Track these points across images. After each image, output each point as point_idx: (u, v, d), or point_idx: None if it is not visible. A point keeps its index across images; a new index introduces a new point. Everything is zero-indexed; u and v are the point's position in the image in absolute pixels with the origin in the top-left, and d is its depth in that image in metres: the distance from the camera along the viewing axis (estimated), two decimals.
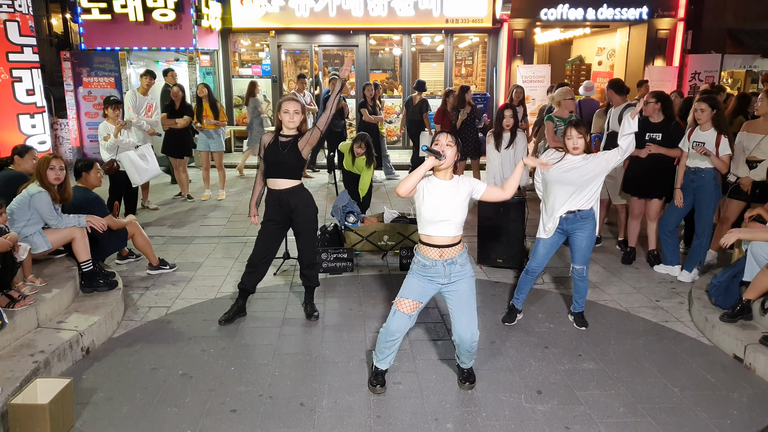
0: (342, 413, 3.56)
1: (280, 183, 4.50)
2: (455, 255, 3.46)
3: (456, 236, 3.45)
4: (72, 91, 11.54)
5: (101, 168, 5.96)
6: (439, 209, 3.37)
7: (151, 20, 11.34)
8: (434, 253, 3.44)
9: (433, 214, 3.39)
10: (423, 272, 3.50)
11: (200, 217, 8.16)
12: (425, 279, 3.52)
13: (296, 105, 4.42)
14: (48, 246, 4.89)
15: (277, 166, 4.46)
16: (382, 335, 3.64)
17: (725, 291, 4.68)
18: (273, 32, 13.18)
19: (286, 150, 4.42)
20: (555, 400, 3.71)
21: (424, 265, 3.48)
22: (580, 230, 4.48)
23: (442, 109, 9.37)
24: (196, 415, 3.53)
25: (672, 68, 12.91)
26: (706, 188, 5.45)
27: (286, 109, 4.40)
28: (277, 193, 4.52)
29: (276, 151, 4.43)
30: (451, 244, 3.44)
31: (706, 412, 3.59)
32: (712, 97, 5.52)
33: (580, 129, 4.35)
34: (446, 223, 3.40)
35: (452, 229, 3.42)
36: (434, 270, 3.46)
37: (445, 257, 3.44)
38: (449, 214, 3.38)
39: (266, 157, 4.47)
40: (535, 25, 13.26)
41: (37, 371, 3.70)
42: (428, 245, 3.46)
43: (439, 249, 3.43)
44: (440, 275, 3.47)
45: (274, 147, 4.44)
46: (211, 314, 4.90)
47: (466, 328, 3.56)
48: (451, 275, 3.48)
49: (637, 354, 4.30)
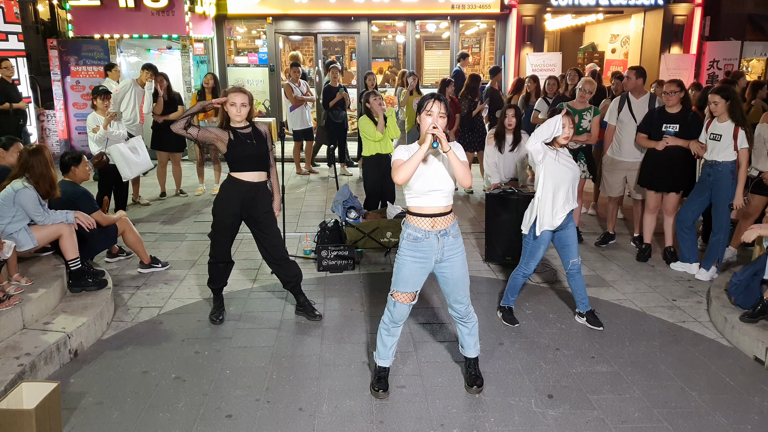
0: (343, 419, 3.54)
1: (254, 176, 4.48)
2: (447, 225, 3.49)
3: (447, 206, 3.49)
4: (59, 81, 11.54)
5: (90, 161, 5.95)
6: (431, 179, 3.41)
7: (143, 6, 11.33)
8: (426, 224, 3.46)
9: (423, 185, 3.42)
10: (414, 249, 3.49)
11: (194, 212, 8.15)
12: (417, 262, 3.51)
13: (244, 97, 4.39)
14: (34, 243, 4.88)
15: (254, 159, 4.44)
16: (384, 324, 3.71)
17: (745, 290, 4.66)
18: (270, 19, 13.14)
19: (254, 141, 4.42)
20: (567, 404, 3.69)
21: (415, 239, 3.48)
22: (570, 223, 4.58)
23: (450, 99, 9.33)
24: (189, 420, 3.52)
25: (689, 56, 12.84)
26: (723, 182, 5.42)
27: (233, 101, 4.35)
28: (248, 186, 4.46)
29: (244, 144, 4.39)
30: (442, 212, 3.47)
31: (726, 416, 3.57)
32: (726, 88, 5.48)
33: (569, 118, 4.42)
34: (438, 192, 3.44)
35: (443, 199, 3.46)
36: (427, 243, 3.47)
37: (437, 228, 3.46)
38: (440, 184, 3.42)
39: (234, 155, 4.41)
40: (545, 11, 13.19)
41: (22, 375, 3.69)
42: (420, 215, 3.47)
43: (432, 219, 3.45)
44: (433, 250, 3.48)
45: (239, 141, 4.39)
46: (205, 315, 4.89)
47: (460, 303, 3.67)
48: (444, 249, 3.50)
49: (653, 356, 4.28)
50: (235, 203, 4.50)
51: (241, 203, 4.49)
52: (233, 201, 4.49)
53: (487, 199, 6.11)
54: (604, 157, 6.67)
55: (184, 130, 4.28)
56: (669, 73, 11.79)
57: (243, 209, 4.52)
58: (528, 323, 4.79)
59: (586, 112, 6.56)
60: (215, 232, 4.65)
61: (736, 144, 5.25)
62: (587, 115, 6.55)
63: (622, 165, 6.40)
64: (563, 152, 4.49)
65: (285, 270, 4.79)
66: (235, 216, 4.55)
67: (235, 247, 6.52)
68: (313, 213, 8.14)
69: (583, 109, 6.58)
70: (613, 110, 6.47)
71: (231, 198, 4.50)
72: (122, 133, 7.50)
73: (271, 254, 4.71)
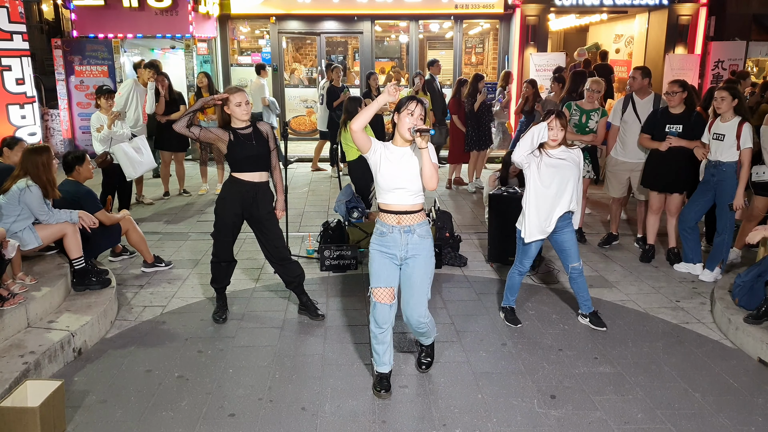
0: (345, 418, 3.56)
1: (255, 176, 4.50)
2: (414, 223, 3.59)
3: (414, 204, 3.59)
4: (63, 81, 11.57)
5: (94, 161, 5.97)
6: (396, 177, 3.53)
7: (146, 6, 11.36)
8: (392, 220, 3.60)
9: (389, 182, 3.55)
10: (380, 243, 3.64)
11: (197, 212, 8.17)
12: (384, 255, 3.64)
13: (245, 95, 4.44)
14: (38, 242, 4.90)
15: (253, 159, 4.46)
16: (372, 332, 3.74)
17: (749, 291, 4.65)
18: (274, 18, 13.17)
19: (254, 142, 4.44)
20: (569, 405, 3.70)
21: (381, 233, 3.64)
22: (567, 227, 4.56)
23: (457, 99, 9.37)
24: (192, 419, 3.53)
25: (694, 56, 12.82)
26: (727, 183, 5.41)
27: (238, 101, 4.38)
28: (248, 186, 4.49)
29: (243, 145, 4.41)
30: (408, 211, 3.58)
31: (729, 418, 3.57)
32: (734, 86, 5.48)
33: (562, 120, 4.37)
34: (403, 191, 3.55)
35: (409, 197, 3.57)
36: (391, 238, 3.60)
37: (402, 224, 3.58)
38: (405, 182, 3.53)
39: (234, 155, 4.43)
40: (549, 11, 13.19)
41: (27, 373, 3.71)
42: (386, 212, 3.62)
43: (397, 215, 3.59)
44: (397, 245, 3.60)
45: (239, 142, 4.41)
46: (208, 314, 4.91)
47: (413, 309, 3.69)
48: (408, 246, 3.60)
49: (656, 357, 4.28)
50: (236, 203, 4.52)
51: (241, 203, 4.51)
52: (234, 200, 4.52)
53: (491, 200, 6.12)
54: (608, 158, 6.66)
55: (186, 128, 4.31)
56: (673, 74, 11.77)
57: (244, 209, 4.54)
58: (531, 323, 4.79)
59: (594, 113, 6.51)
60: (217, 231, 4.67)
61: (739, 143, 5.25)
62: (595, 116, 6.49)
63: (626, 165, 6.39)
64: (555, 152, 4.42)
65: (287, 270, 4.80)
66: (236, 216, 4.57)
67: (238, 247, 6.54)
68: (316, 213, 8.16)
69: (592, 110, 6.52)
70: (616, 111, 6.45)
71: (232, 197, 4.53)
72: (126, 132, 7.51)
73: (272, 254, 4.73)
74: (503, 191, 6.10)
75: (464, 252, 6.27)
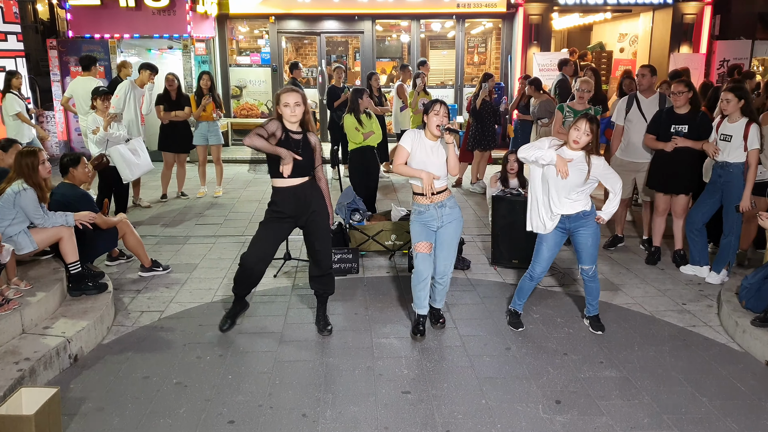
0: (347, 424, 3.55)
1: (294, 180, 4.33)
2: (443, 199, 4.39)
3: (441, 186, 4.38)
4: (59, 82, 11.59)
5: (89, 163, 5.96)
6: (426, 165, 4.29)
7: (143, 6, 11.37)
8: (425, 201, 4.37)
9: (421, 168, 4.28)
10: (420, 218, 4.42)
11: (196, 215, 8.16)
12: (423, 223, 4.42)
13: (297, 96, 4.27)
14: (34, 246, 4.90)
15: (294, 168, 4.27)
16: (414, 281, 4.46)
17: (757, 293, 4.64)
18: (273, 18, 13.18)
19: (300, 150, 4.28)
20: (575, 410, 3.69)
21: (419, 212, 4.43)
22: (583, 228, 4.49)
23: None
24: (191, 426, 3.53)
25: (699, 55, 12.81)
26: (734, 184, 5.40)
27: (286, 101, 4.25)
28: (291, 189, 4.35)
29: (290, 149, 4.24)
30: (438, 191, 4.34)
31: (737, 423, 3.56)
32: (740, 87, 5.47)
33: (592, 126, 4.30)
34: None
35: (437, 182, 4.33)
36: (428, 215, 4.39)
37: (435, 202, 4.37)
38: (434, 170, 4.29)
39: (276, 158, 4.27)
40: (552, 10, 13.18)
41: (21, 380, 3.71)
42: (420, 195, 4.37)
43: (429, 197, 4.33)
44: (434, 218, 4.39)
45: (287, 145, 4.26)
46: (207, 319, 4.90)
47: (443, 262, 4.49)
48: (443, 218, 4.40)
49: (663, 361, 4.27)
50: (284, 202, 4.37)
51: (292, 203, 4.37)
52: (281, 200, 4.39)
53: (494, 202, 6.11)
54: (613, 158, 6.64)
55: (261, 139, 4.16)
56: None
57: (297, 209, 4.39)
58: (535, 327, 4.78)
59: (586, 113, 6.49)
60: (261, 224, 4.49)
61: (746, 144, 5.24)
62: None
63: (632, 166, 6.37)
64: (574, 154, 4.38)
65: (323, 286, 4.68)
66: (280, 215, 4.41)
67: (238, 249, 6.55)
68: None
69: (583, 110, 6.50)
70: (620, 110, 6.44)
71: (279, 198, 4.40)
72: (122, 134, 7.51)
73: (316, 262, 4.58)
74: (506, 193, 6.09)
75: (467, 255, 6.26)
